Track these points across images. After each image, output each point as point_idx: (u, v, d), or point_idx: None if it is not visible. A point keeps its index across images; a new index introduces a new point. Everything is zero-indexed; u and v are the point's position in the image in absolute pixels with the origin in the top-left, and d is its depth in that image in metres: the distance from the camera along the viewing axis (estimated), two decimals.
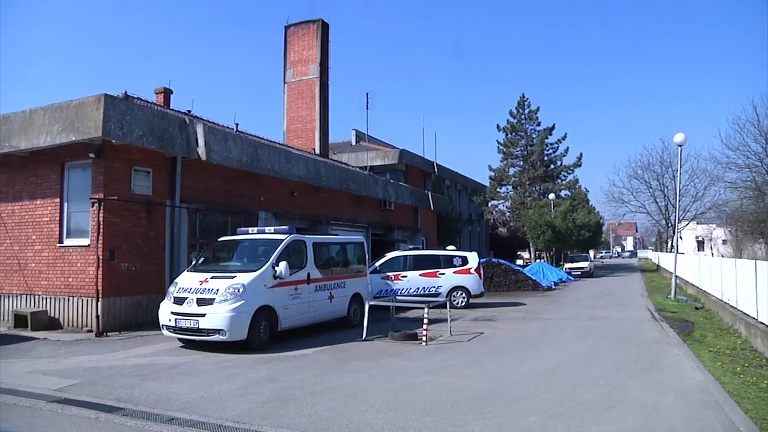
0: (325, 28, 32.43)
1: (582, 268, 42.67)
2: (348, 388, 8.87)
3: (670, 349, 12.36)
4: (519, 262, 50.29)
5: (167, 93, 26.28)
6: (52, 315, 15.66)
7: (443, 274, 20.95)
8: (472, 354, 11.94)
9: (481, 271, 21.74)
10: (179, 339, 12.64)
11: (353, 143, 44.92)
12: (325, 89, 32.46)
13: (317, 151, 31.10)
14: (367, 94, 48.15)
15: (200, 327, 11.74)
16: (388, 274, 20.73)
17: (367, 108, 50.54)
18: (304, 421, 7.15)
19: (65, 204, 15.99)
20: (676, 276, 26.54)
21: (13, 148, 15.95)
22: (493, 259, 31.90)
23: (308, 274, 13.76)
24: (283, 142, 31.37)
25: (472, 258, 21.53)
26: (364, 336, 13.61)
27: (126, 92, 19.16)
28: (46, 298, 15.94)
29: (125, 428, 7.04)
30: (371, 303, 14.47)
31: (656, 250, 75.20)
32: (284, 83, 33.09)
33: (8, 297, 16.81)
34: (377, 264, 20.89)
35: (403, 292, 20.20)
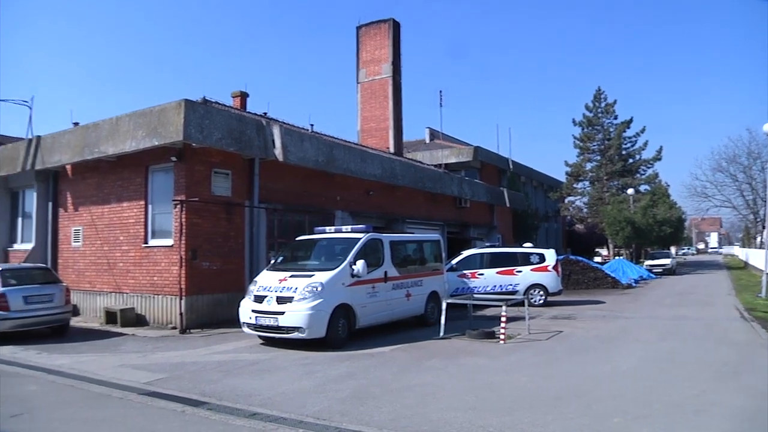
0: (396, 27, 32.50)
1: (663, 265, 41.09)
2: (426, 386, 8.89)
3: (763, 351, 11.81)
4: (597, 259, 49.11)
5: (243, 96, 26.91)
6: (139, 312, 16.30)
7: (520, 271, 20.72)
8: (551, 353, 11.78)
9: (559, 269, 21.37)
10: (259, 336, 12.91)
11: (427, 141, 44.88)
12: (398, 88, 32.54)
13: (391, 149, 31.22)
14: (441, 91, 48.10)
15: (280, 325, 12.00)
16: (465, 272, 20.66)
17: (441, 105, 50.51)
18: (383, 419, 7.21)
19: (149, 206, 16.62)
20: (767, 274, 25.31)
21: (102, 153, 16.68)
22: (571, 257, 31.33)
23: (385, 273, 13.84)
24: (358, 141, 31.61)
25: (550, 255, 21.22)
26: (441, 334, 13.59)
27: (204, 97, 19.71)
28: (134, 296, 16.61)
29: (210, 422, 7.27)
30: (448, 301, 14.46)
31: (743, 246, 72.26)
32: (357, 83, 33.34)
33: (99, 294, 17.61)
34: (453, 262, 20.84)
35: (479, 290, 20.09)
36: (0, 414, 7.83)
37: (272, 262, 14.22)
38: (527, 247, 22.55)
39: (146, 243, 16.47)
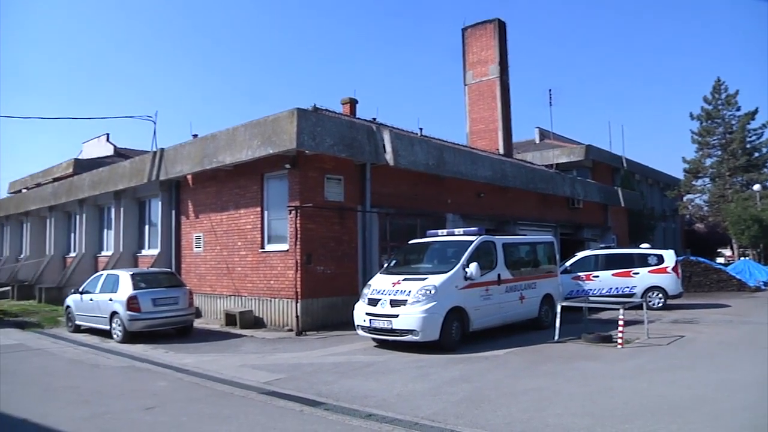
0: (502, 26, 32.18)
1: None
2: (542, 391, 8.73)
3: None
4: (720, 260, 46.46)
5: (353, 103, 27.30)
6: (257, 315, 16.86)
7: (637, 273, 19.95)
8: (672, 358, 11.23)
9: (679, 270, 20.41)
10: (373, 339, 13.08)
11: (537, 141, 44.11)
12: (506, 88, 32.19)
13: (501, 151, 30.90)
14: (550, 90, 47.05)
15: (393, 327, 12.09)
16: (579, 274, 20.13)
17: (551, 104, 49.48)
18: (498, 423, 7.13)
19: (265, 212, 17.17)
20: None
21: (220, 163, 17.39)
22: (691, 257, 29.86)
23: (498, 275, 13.69)
24: (467, 144, 31.47)
25: (669, 256, 20.31)
26: (556, 337, 13.29)
27: (315, 105, 20.16)
28: (251, 299, 17.20)
29: (327, 422, 7.41)
30: (562, 304, 14.12)
31: None
32: (464, 85, 33.23)
33: (220, 297, 18.36)
34: (567, 264, 20.35)
35: (594, 292, 19.51)
36: (137, 405, 8.43)
37: (385, 265, 14.36)
38: (644, 248, 21.68)
39: (263, 248, 17.02)
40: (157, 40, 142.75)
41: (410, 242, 15.31)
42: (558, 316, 13.69)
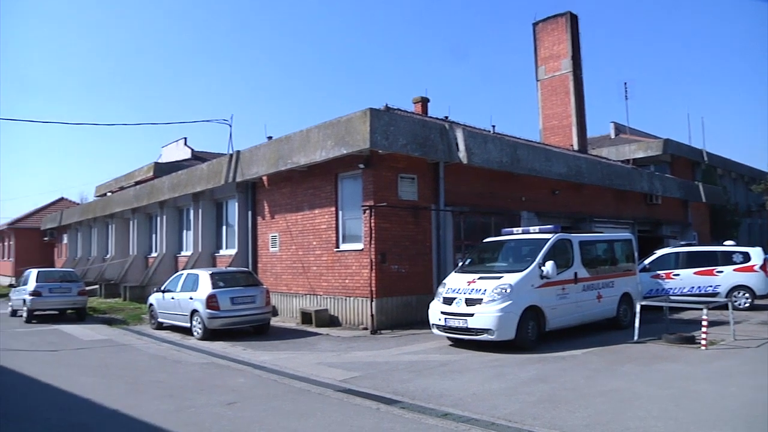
0: (574, 20, 31.52)
1: None
2: (621, 392, 8.50)
3: None
4: None
5: (424, 101, 27.24)
6: (332, 313, 17.04)
7: (721, 272, 19.18)
8: (762, 362, 10.75)
9: None
10: (448, 337, 13.02)
11: (612, 136, 43.01)
12: (579, 83, 31.53)
13: (575, 146, 30.29)
14: (625, 83, 45.96)
15: (469, 326, 12.01)
16: (659, 272, 19.53)
17: (626, 98, 48.23)
18: (577, 424, 6.99)
19: (340, 212, 17.32)
20: None
21: (294, 163, 17.65)
22: None
23: (575, 274, 13.41)
24: (540, 140, 30.99)
25: (756, 254, 19.44)
26: (635, 338, 12.90)
27: (387, 104, 20.22)
28: (327, 298, 17.39)
29: (403, 420, 7.42)
30: (642, 303, 13.73)
31: None
32: (536, 81, 32.72)
33: (295, 296, 18.63)
34: (646, 262, 19.77)
35: (675, 291, 18.89)
36: (218, 400, 8.67)
37: (460, 264, 14.26)
38: (729, 245, 20.85)
39: (338, 247, 17.18)
40: (233, 43, 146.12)
41: (485, 240, 15.18)
42: (637, 315, 13.30)
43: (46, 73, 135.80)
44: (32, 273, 21.54)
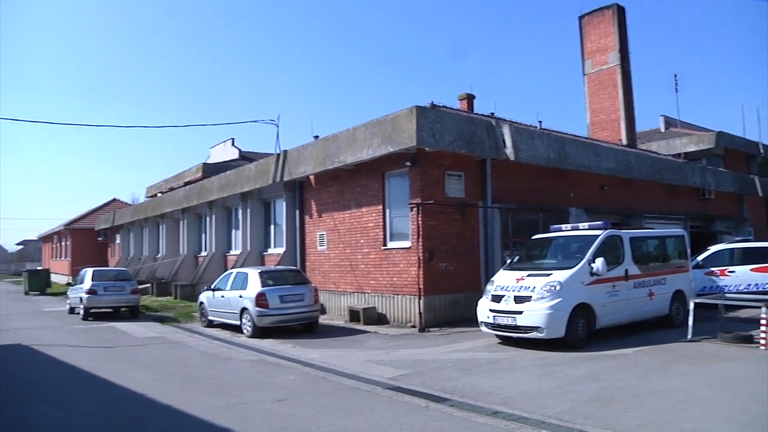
0: (621, 12, 30.90)
1: None
2: (676, 392, 8.31)
3: None
4: None
5: (470, 98, 27.08)
6: (380, 311, 17.07)
7: None
8: None
9: None
10: (497, 335, 12.91)
11: (662, 130, 42.08)
12: (628, 76, 30.92)
13: (624, 141, 29.73)
14: (675, 76, 44.94)
15: (518, 324, 11.92)
16: (713, 269, 19.02)
17: (677, 91, 47.08)
18: (629, 425, 6.87)
19: (387, 210, 17.33)
20: None
21: (341, 162, 17.73)
22: None
23: (626, 271, 13.17)
24: (588, 135, 30.53)
25: None
26: (689, 336, 12.59)
27: (432, 102, 20.15)
28: (374, 296, 17.43)
29: (453, 418, 7.40)
30: (695, 301, 13.41)
31: None
32: (583, 75, 32.20)
33: (343, 294, 18.73)
34: (699, 258, 19.27)
35: (730, 288, 18.37)
36: (269, 397, 8.82)
37: (508, 261, 14.15)
38: None
39: (385, 245, 17.20)
40: (279, 43, 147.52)
41: (533, 237, 15.02)
42: (691, 313, 12.99)
43: (101, 78, 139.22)
44: (88, 272, 22.13)
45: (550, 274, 12.21)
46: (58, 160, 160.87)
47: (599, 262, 12.22)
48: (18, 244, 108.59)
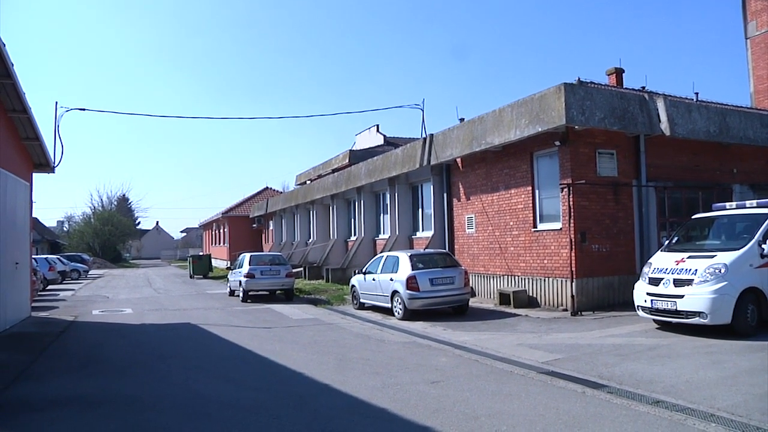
0: None
1: None
2: None
3: None
4: None
5: (619, 73, 25.88)
6: (530, 294, 16.86)
7: None
8: None
9: None
10: (654, 320, 12.38)
11: None
12: None
13: None
14: None
15: (678, 309, 11.31)
16: None
17: None
18: None
19: (536, 191, 17.05)
20: None
21: (488, 144, 17.60)
22: None
23: None
24: (751, 105, 28.31)
25: None
26: None
27: (579, 78, 19.50)
28: (524, 279, 17.23)
29: (612, 405, 7.19)
30: None
31: None
32: (746, 39, 29.73)
33: (493, 277, 18.66)
34: None
35: None
36: (422, 379, 8.97)
37: (666, 242, 13.45)
38: None
39: (535, 227, 16.94)
40: (422, 27, 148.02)
41: (694, 216, 14.17)
42: None
43: (257, 76, 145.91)
44: (246, 257, 23.41)
45: (714, 255, 11.45)
46: (221, 152, 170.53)
47: None
48: (182, 232, 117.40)
